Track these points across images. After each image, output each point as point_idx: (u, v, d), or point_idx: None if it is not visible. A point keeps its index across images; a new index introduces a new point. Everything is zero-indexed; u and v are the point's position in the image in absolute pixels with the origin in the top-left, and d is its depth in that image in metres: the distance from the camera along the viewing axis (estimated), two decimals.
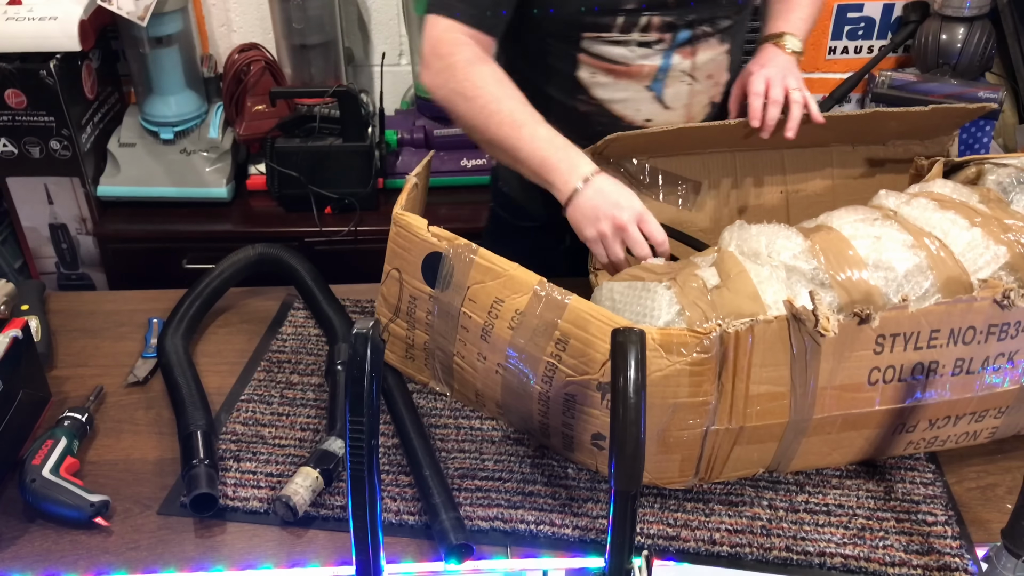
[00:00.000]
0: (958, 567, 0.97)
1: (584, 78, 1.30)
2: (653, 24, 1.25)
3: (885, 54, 2.18)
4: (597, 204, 1.11)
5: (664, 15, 1.24)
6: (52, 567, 0.98)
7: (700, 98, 1.34)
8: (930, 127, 1.34)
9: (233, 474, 1.09)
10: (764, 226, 1.12)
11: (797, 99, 1.25)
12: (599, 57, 1.28)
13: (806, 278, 1.03)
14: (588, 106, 1.32)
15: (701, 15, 1.26)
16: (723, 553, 0.99)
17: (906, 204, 1.13)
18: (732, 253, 1.09)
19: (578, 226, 1.14)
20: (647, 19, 1.24)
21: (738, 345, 0.93)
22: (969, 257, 1.03)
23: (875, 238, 1.05)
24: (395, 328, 1.19)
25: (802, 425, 0.99)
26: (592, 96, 1.31)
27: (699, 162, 1.33)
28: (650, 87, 1.30)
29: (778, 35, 1.33)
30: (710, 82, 1.33)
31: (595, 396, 0.98)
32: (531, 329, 1.01)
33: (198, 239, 2.03)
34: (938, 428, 1.05)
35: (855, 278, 1.01)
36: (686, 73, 1.30)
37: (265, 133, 2.04)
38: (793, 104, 1.24)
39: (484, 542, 1.00)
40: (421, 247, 1.10)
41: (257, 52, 2.10)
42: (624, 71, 1.28)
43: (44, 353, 1.28)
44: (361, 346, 0.79)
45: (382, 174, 2.07)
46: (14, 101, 1.88)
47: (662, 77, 1.29)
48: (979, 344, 0.98)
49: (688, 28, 1.26)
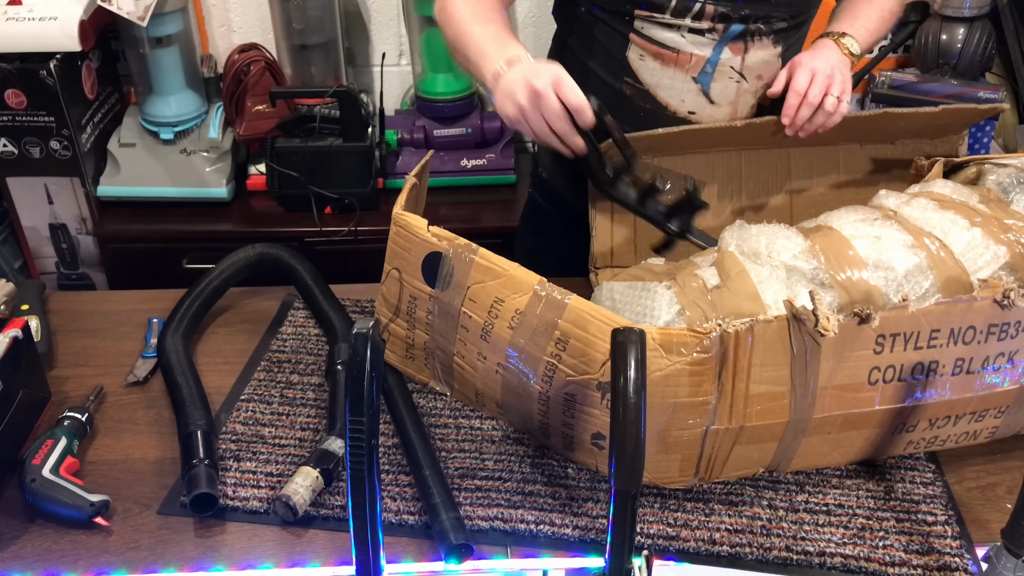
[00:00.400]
0: (958, 567, 0.97)
1: (632, 60, 1.30)
2: (707, 12, 1.24)
3: (885, 54, 2.18)
4: (514, 79, 1.10)
5: (718, 4, 1.23)
6: (52, 567, 0.98)
7: (747, 98, 1.33)
8: (939, 127, 1.34)
9: (233, 474, 1.09)
10: (764, 226, 1.12)
11: (829, 108, 1.23)
12: (649, 39, 1.27)
13: (806, 278, 1.03)
14: (634, 89, 1.32)
15: (756, 11, 1.25)
16: (723, 553, 0.99)
17: (906, 204, 1.13)
18: (732, 253, 1.09)
19: (501, 109, 1.12)
20: (701, 5, 1.23)
21: (738, 345, 0.93)
22: (969, 257, 1.03)
23: (875, 238, 1.05)
24: (395, 328, 1.19)
25: (802, 425, 0.99)
26: (639, 79, 1.31)
27: (704, 161, 1.33)
28: (697, 79, 1.30)
29: (840, 34, 1.31)
30: (759, 83, 1.32)
31: (595, 396, 0.98)
32: (531, 329, 1.01)
33: (198, 239, 2.03)
34: (938, 428, 1.05)
35: (855, 278, 1.01)
36: (735, 70, 1.30)
37: (265, 133, 2.04)
38: (820, 112, 1.23)
39: (484, 542, 1.00)
40: (421, 247, 1.10)
41: (257, 52, 2.10)
42: (672, 57, 1.28)
43: (44, 353, 1.28)
44: (361, 346, 0.79)
45: (382, 174, 2.07)
46: (14, 101, 1.88)
47: (710, 71, 1.29)
48: (979, 344, 0.98)
49: (741, 23, 1.26)
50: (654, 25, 1.26)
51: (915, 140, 1.34)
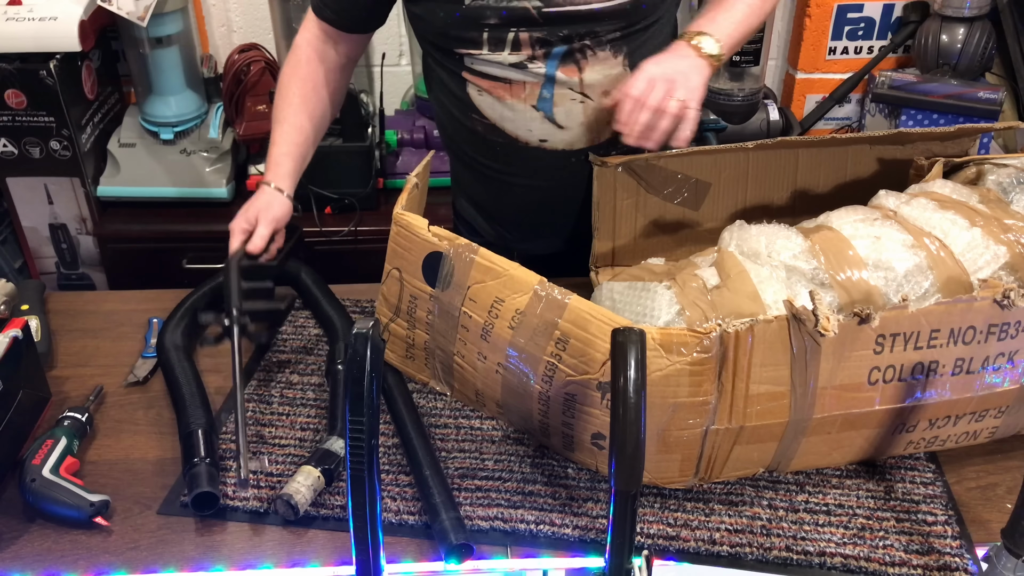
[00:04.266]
0: (958, 567, 0.97)
1: (473, 96, 1.28)
2: (523, 40, 1.19)
3: (885, 54, 2.18)
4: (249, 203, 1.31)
5: (531, 31, 1.18)
6: (52, 567, 0.98)
7: (600, 116, 1.25)
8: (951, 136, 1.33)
9: (233, 474, 1.09)
10: (764, 226, 1.12)
11: (673, 109, 1.11)
12: (481, 75, 1.25)
13: (806, 278, 1.03)
14: (483, 125, 1.30)
15: (577, 29, 1.18)
16: (723, 553, 0.99)
17: (906, 204, 1.13)
18: (732, 253, 1.09)
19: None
20: (514, 35, 1.19)
21: (738, 345, 0.93)
22: (969, 257, 1.03)
23: (875, 238, 1.05)
24: (395, 328, 1.19)
25: (802, 425, 0.99)
26: (484, 115, 1.28)
27: (711, 160, 1.32)
28: (537, 106, 1.24)
29: (695, 33, 1.18)
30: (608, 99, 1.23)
31: (595, 396, 0.98)
32: (531, 329, 1.01)
33: (198, 239, 2.03)
34: (938, 428, 1.05)
35: (855, 278, 1.01)
36: (576, 90, 1.23)
37: (265, 133, 2.04)
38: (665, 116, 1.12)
39: (484, 542, 1.00)
40: (422, 247, 1.10)
41: (257, 52, 2.10)
42: (507, 89, 1.24)
43: (44, 353, 1.28)
44: (361, 346, 0.79)
45: (382, 174, 2.07)
46: (14, 101, 1.88)
47: (548, 96, 1.23)
48: (979, 344, 0.98)
49: (564, 43, 1.19)
50: (479, 61, 1.23)
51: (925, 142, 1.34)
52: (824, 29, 2.19)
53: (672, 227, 1.36)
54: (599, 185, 1.29)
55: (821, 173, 1.36)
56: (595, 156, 1.28)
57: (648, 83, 1.13)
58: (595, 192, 1.30)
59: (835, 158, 1.35)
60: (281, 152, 1.34)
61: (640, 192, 1.31)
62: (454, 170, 1.49)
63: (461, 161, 1.42)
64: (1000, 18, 2.07)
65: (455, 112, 1.32)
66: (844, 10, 2.17)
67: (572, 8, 1.16)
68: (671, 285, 1.08)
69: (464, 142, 1.36)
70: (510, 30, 1.18)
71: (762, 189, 1.36)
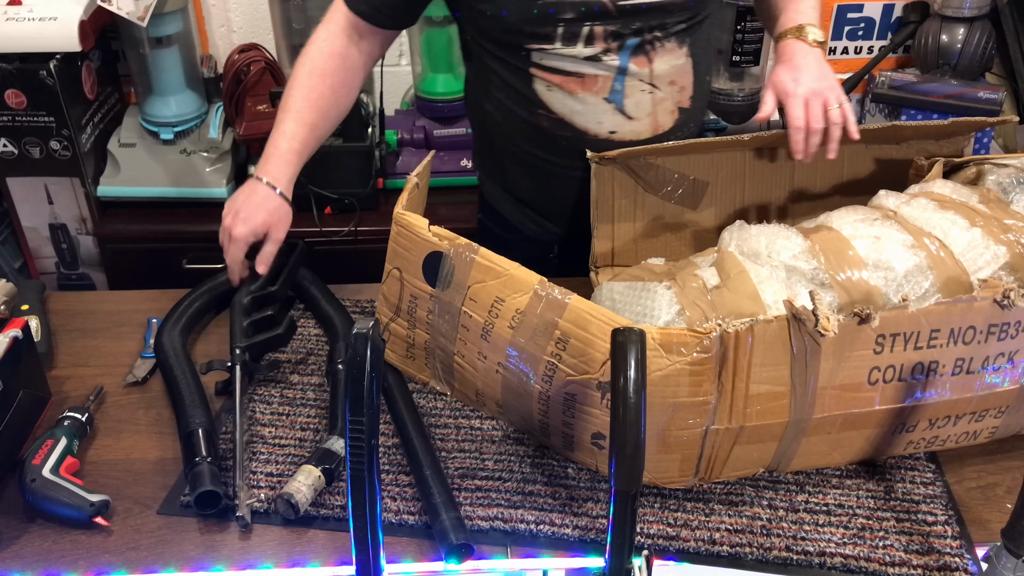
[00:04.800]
0: (958, 567, 0.97)
1: (541, 91, 1.28)
2: (596, 34, 1.22)
3: (885, 54, 2.18)
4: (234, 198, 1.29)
5: (606, 24, 1.21)
6: (52, 567, 0.98)
7: (665, 105, 1.31)
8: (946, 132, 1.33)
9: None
10: (764, 226, 1.12)
11: (836, 119, 1.19)
12: (551, 70, 1.26)
13: (806, 278, 1.03)
14: (549, 120, 1.30)
15: (647, 22, 1.22)
16: (723, 553, 0.99)
17: (906, 204, 1.13)
18: (732, 253, 1.09)
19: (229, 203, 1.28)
20: (588, 29, 1.21)
21: (738, 345, 0.93)
22: (969, 257, 1.03)
23: (875, 238, 1.05)
24: (396, 327, 1.19)
25: (802, 425, 0.99)
26: (552, 109, 1.29)
27: (707, 160, 1.32)
28: (609, 99, 1.27)
29: (796, 28, 1.25)
30: (674, 88, 1.30)
31: (595, 395, 0.98)
32: (531, 328, 1.01)
33: (198, 239, 2.03)
34: (938, 428, 1.05)
35: (855, 278, 1.01)
36: (645, 81, 1.27)
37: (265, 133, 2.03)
38: (832, 126, 1.19)
39: (484, 542, 1.00)
40: (422, 246, 1.10)
41: (257, 52, 2.10)
42: (579, 83, 1.26)
43: (44, 353, 1.28)
44: (361, 346, 0.79)
45: (382, 174, 2.07)
46: (14, 101, 1.88)
47: (620, 88, 1.26)
48: (979, 344, 0.98)
49: (636, 36, 1.23)
50: (550, 56, 1.24)
51: (920, 141, 1.34)
52: (824, 29, 2.19)
53: (671, 227, 1.36)
54: (597, 183, 1.29)
55: (818, 173, 1.37)
56: (592, 153, 1.28)
57: (804, 107, 1.18)
58: (593, 191, 1.30)
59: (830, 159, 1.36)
60: (288, 148, 1.29)
61: (638, 191, 1.31)
62: (499, 168, 1.44)
63: (515, 158, 1.39)
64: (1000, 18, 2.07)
65: (516, 109, 1.32)
66: (844, 10, 2.17)
67: (646, 0, 1.21)
68: (671, 285, 1.08)
69: (524, 139, 1.34)
70: (585, 24, 1.21)
71: (760, 188, 1.36)
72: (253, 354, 1.22)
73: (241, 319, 1.24)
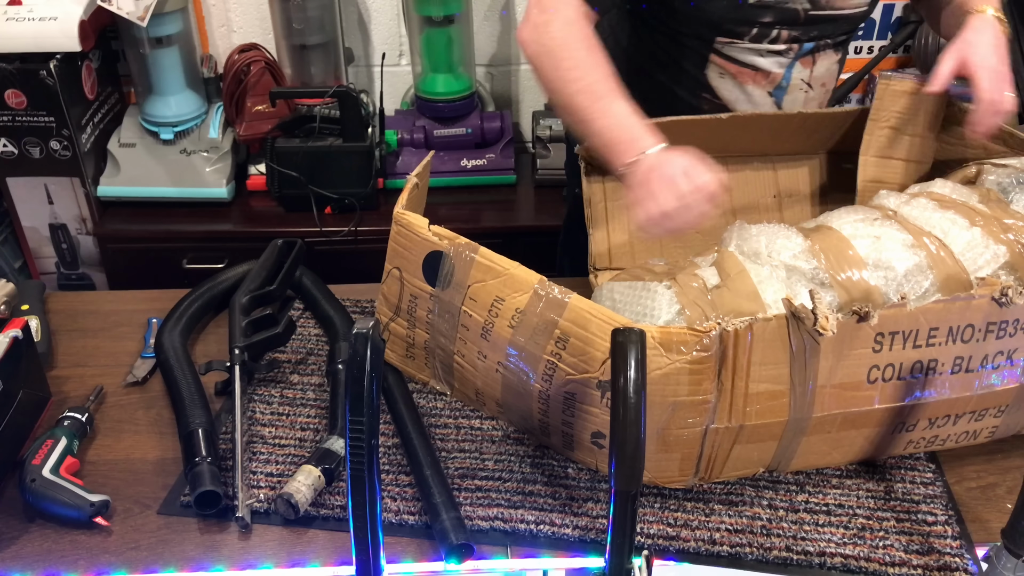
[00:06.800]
0: (958, 567, 0.97)
1: (712, 77, 1.34)
2: (782, 37, 1.29)
3: (885, 54, 2.18)
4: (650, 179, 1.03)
5: (791, 29, 1.28)
6: (52, 567, 0.98)
7: (812, 104, 1.39)
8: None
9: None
10: (764, 226, 1.12)
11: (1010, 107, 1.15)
12: (731, 59, 1.32)
13: (806, 278, 1.03)
14: (712, 105, 1.36)
15: (823, 31, 1.31)
16: (723, 553, 0.99)
17: (906, 204, 1.13)
18: (732, 253, 1.09)
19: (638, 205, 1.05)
20: (777, 32, 1.28)
21: (737, 343, 0.93)
22: (969, 257, 1.03)
23: (875, 238, 1.05)
24: (395, 327, 1.19)
25: (802, 424, 0.99)
26: (718, 95, 1.35)
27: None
28: (772, 93, 1.35)
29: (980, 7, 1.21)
30: (823, 90, 1.40)
31: (595, 394, 0.98)
32: (531, 327, 1.01)
33: (198, 239, 2.04)
34: (938, 427, 1.05)
35: (855, 278, 1.01)
36: (805, 82, 1.36)
37: (265, 133, 2.04)
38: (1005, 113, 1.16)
39: (484, 542, 1.00)
40: (422, 246, 1.10)
41: (257, 52, 2.10)
42: (751, 75, 1.33)
43: (44, 353, 1.28)
44: (361, 346, 0.79)
45: (382, 174, 2.07)
46: (14, 101, 1.88)
47: (785, 85, 1.35)
48: (978, 342, 0.98)
49: (812, 41, 1.32)
50: (734, 48, 1.30)
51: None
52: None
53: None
54: (588, 183, 1.30)
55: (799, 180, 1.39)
56: (581, 148, 1.28)
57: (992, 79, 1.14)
58: (585, 190, 1.30)
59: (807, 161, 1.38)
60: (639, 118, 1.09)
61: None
62: None
63: None
64: None
65: (678, 90, 1.36)
66: None
67: (831, 12, 1.28)
68: (671, 285, 1.08)
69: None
70: (776, 27, 1.27)
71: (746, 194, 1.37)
72: (252, 354, 1.22)
73: (240, 319, 1.25)
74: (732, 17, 1.27)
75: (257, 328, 1.24)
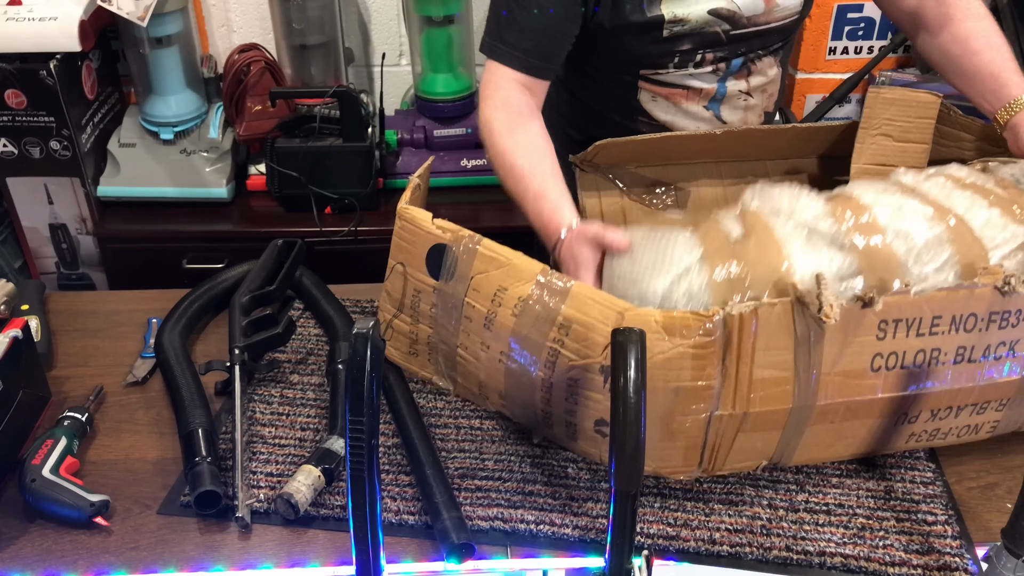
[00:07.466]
0: (958, 567, 0.97)
1: (645, 101, 1.36)
2: (707, 59, 1.30)
3: (885, 54, 2.18)
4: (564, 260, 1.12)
5: (717, 51, 1.29)
6: (52, 567, 0.98)
7: (755, 111, 1.40)
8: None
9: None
10: (787, 187, 1.11)
11: None
12: (659, 83, 1.33)
13: (826, 240, 1.02)
14: (649, 126, 1.37)
15: (751, 46, 1.32)
16: (723, 553, 0.99)
17: (925, 181, 1.12)
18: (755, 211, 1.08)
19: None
20: (701, 55, 1.29)
21: (742, 328, 0.92)
22: (988, 235, 1.03)
23: (897, 207, 1.04)
24: (399, 324, 1.19)
25: (805, 412, 0.99)
26: (653, 117, 1.37)
27: (685, 171, 1.35)
28: (708, 107, 1.36)
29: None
30: (764, 95, 1.40)
31: (597, 380, 0.97)
32: (534, 315, 1.01)
33: (198, 239, 2.04)
34: (940, 419, 1.04)
35: (874, 243, 1.00)
36: (743, 92, 1.36)
37: (265, 133, 2.04)
38: None
39: (484, 542, 1.00)
40: (426, 239, 1.10)
41: (257, 52, 2.10)
42: (683, 95, 1.34)
43: (44, 353, 1.28)
44: (361, 346, 0.79)
45: (382, 174, 2.07)
46: (14, 101, 1.88)
47: (720, 97, 1.35)
48: (980, 332, 0.98)
49: (741, 56, 1.31)
50: (661, 75, 1.32)
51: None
52: (824, 29, 2.19)
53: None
54: (582, 186, 1.31)
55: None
56: (574, 156, 1.29)
57: None
58: (579, 195, 1.31)
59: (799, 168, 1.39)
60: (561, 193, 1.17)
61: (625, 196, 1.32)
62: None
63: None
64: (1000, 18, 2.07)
65: (614, 116, 1.39)
66: (844, 10, 2.17)
67: (754, 28, 1.30)
68: (694, 231, 1.06)
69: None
70: (698, 51, 1.29)
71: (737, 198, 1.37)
72: (252, 354, 1.22)
73: (240, 319, 1.25)
74: (651, 52, 1.29)
75: (257, 328, 1.24)
